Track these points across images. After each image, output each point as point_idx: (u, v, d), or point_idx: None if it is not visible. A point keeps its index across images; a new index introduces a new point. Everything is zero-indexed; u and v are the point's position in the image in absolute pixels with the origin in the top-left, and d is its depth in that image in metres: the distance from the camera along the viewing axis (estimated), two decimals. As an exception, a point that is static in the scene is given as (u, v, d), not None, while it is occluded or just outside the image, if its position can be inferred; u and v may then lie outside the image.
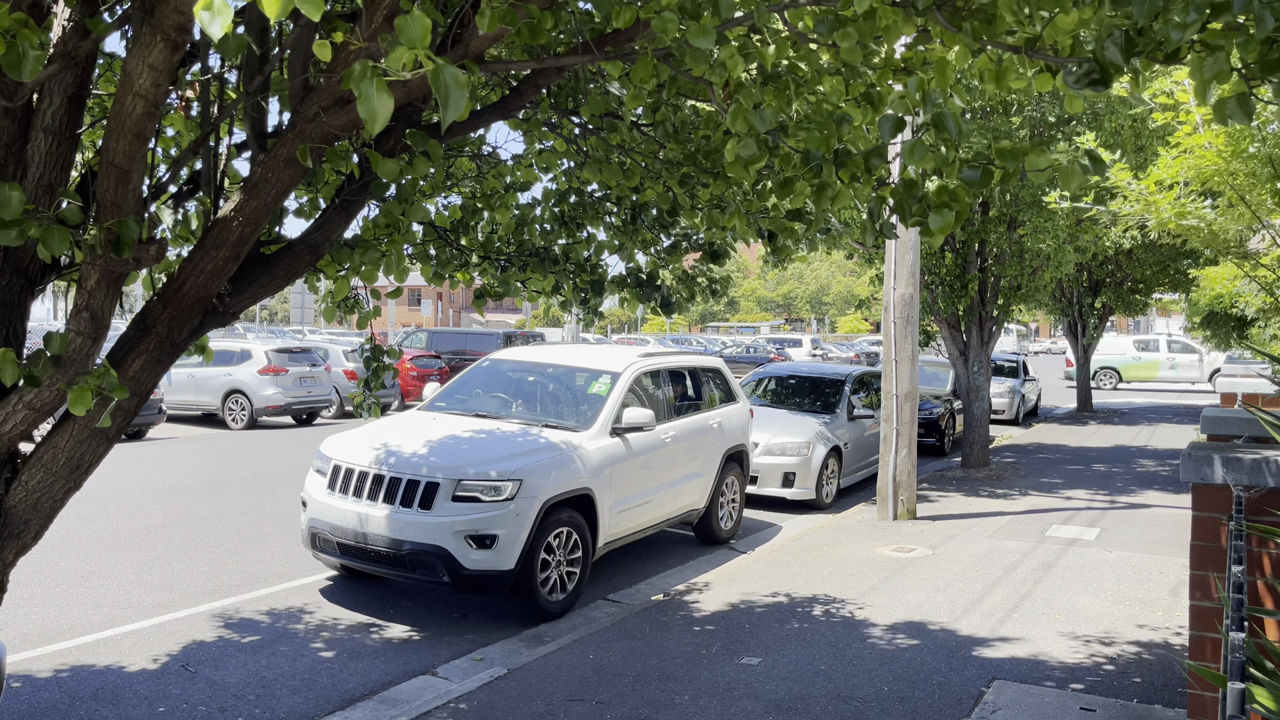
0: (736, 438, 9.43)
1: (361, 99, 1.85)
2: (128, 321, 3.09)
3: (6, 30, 2.23)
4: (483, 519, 6.35)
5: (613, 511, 7.41)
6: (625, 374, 8.09)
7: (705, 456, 8.82)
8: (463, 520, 6.34)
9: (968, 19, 2.68)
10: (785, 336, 50.57)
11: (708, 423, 8.97)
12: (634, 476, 7.73)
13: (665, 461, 8.18)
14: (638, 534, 7.97)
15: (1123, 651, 6.11)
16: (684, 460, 8.48)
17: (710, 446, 8.91)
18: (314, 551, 7.03)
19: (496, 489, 6.45)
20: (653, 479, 7.99)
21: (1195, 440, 3.79)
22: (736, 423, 9.53)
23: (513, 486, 6.47)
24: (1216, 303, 15.60)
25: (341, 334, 42.60)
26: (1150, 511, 10.84)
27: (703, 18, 2.57)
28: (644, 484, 7.86)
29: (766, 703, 5.20)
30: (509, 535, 6.38)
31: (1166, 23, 2.17)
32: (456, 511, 6.38)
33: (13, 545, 2.97)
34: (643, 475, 7.84)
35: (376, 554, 6.53)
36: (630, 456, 7.68)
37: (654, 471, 8.01)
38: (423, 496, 6.46)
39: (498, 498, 6.43)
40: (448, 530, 6.32)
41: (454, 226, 4.98)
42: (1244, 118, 2.33)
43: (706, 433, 8.89)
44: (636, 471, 7.76)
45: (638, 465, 7.77)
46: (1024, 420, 22.19)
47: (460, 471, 6.51)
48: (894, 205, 3.01)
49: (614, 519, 7.45)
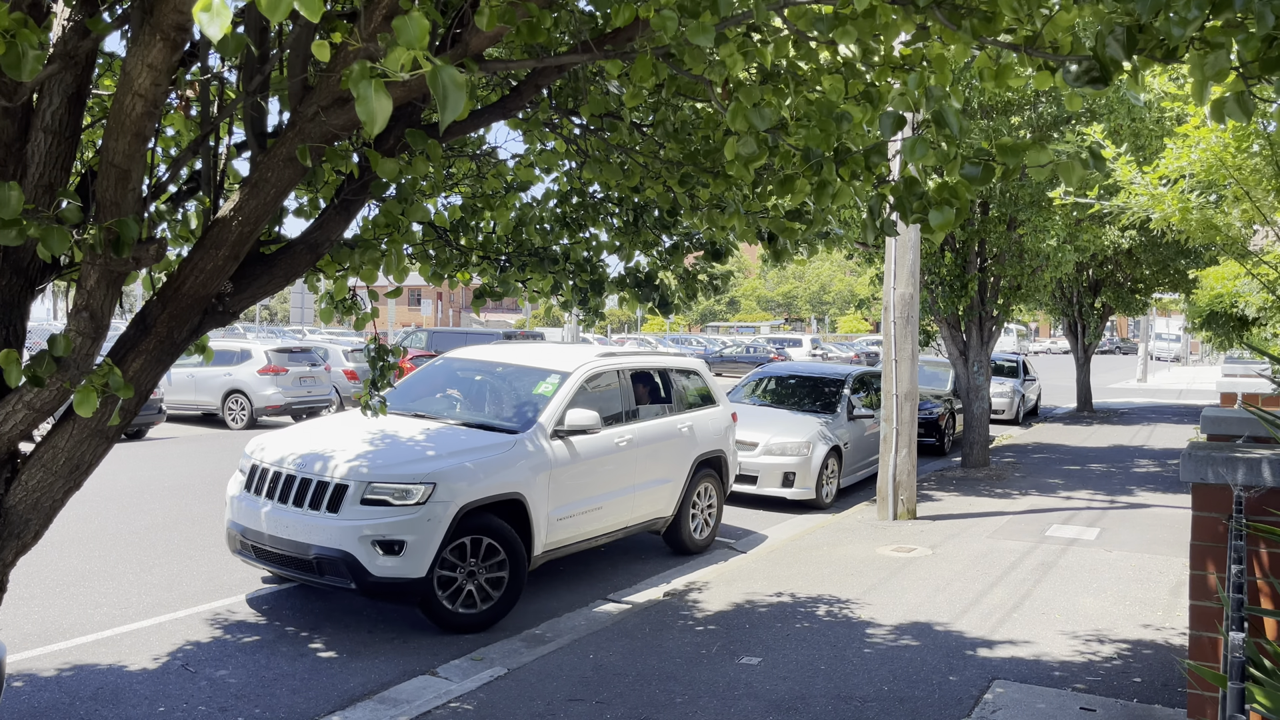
0: (712, 443, 9.03)
1: (360, 100, 1.85)
2: (128, 321, 3.09)
3: (6, 30, 2.23)
4: (391, 524, 6.06)
5: (553, 519, 7.03)
6: (575, 374, 7.71)
7: (672, 462, 8.45)
8: (370, 525, 6.05)
9: (967, 17, 2.68)
10: (785, 336, 50.56)
11: (675, 427, 8.58)
12: (580, 482, 7.35)
13: (621, 466, 7.81)
14: (588, 542, 7.58)
15: (1123, 651, 6.11)
16: (646, 465, 8.11)
17: (677, 451, 8.54)
18: (236, 555, 6.80)
19: (407, 493, 6.15)
20: (604, 484, 7.60)
21: (1195, 440, 3.79)
22: (713, 427, 9.11)
23: (424, 490, 6.16)
24: (1216, 302, 15.59)
25: (341, 334, 42.61)
26: (1150, 511, 10.83)
27: (702, 16, 2.57)
28: (593, 490, 7.48)
29: (766, 703, 5.20)
30: (419, 541, 6.08)
31: (1168, 19, 2.17)
32: (364, 515, 6.10)
33: (13, 545, 2.97)
34: (591, 480, 7.46)
35: (286, 558, 6.29)
36: (575, 460, 7.30)
37: (606, 477, 7.63)
38: (331, 499, 6.20)
39: (407, 502, 6.13)
40: (354, 535, 6.04)
41: (454, 226, 4.98)
42: (1242, 116, 2.33)
43: (673, 437, 8.52)
44: (583, 476, 7.37)
45: (584, 470, 7.38)
46: (1024, 420, 22.20)
47: (370, 474, 6.23)
48: (895, 203, 3.01)
49: (555, 526, 7.08)
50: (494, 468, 6.61)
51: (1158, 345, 56.48)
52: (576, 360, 7.98)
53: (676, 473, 8.51)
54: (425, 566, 6.13)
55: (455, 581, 6.38)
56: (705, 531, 9.04)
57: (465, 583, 6.41)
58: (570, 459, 7.27)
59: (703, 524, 9.01)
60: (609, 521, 7.72)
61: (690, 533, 8.79)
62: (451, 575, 6.35)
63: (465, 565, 6.41)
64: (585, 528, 7.44)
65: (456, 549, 6.37)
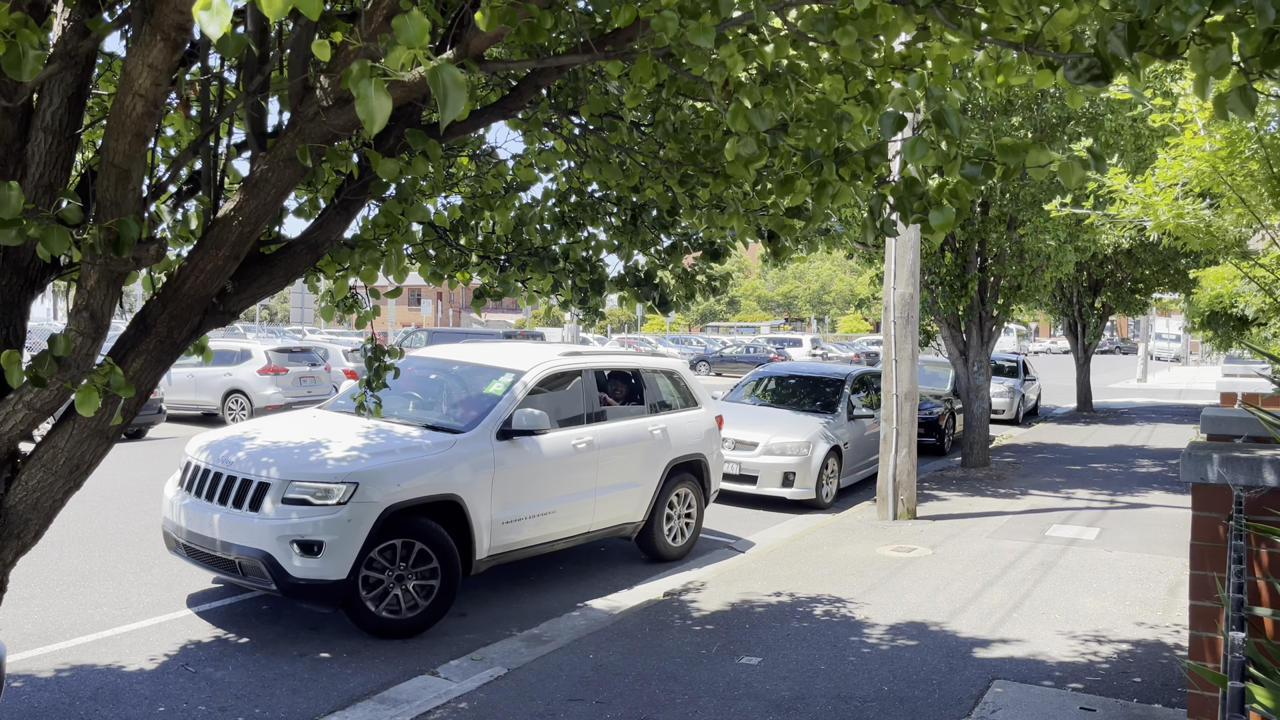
0: (690, 447, 8.72)
1: (360, 99, 1.85)
2: (128, 321, 3.09)
3: (6, 30, 2.23)
4: (309, 524, 5.91)
5: (498, 522, 6.82)
6: (529, 374, 7.47)
7: (641, 465, 8.17)
8: (288, 524, 5.93)
9: (967, 16, 2.68)
10: (785, 336, 50.56)
11: (645, 429, 8.29)
12: (530, 484, 7.11)
13: (580, 469, 7.56)
14: (543, 547, 7.33)
15: (1122, 651, 6.11)
16: (610, 468, 7.84)
17: (647, 455, 8.25)
18: (172, 553, 6.70)
19: (327, 492, 6.00)
20: (560, 488, 7.36)
21: (1195, 440, 3.79)
22: (691, 430, 8.81)
23: (346, 490, 6.01)
24: (1216, 303, 15.59)
25: (341, 333, 42.62)
26: (1150, 511, 10.84)
27: (702, 17, 2.57)
28: (546, 493, 7.23)
29: (766, 702, 5.20)
30: (338, 542, 5.92)
31: (1169, 14, 2.17)
32: (284, 515, 5.97)
33: (13, 545, 2.97)
34: (543, 483, 7.22)
35: (211, 556, 6.20)
36: (525, 462, 7.07)
37: (561, 479, 7.38)
38: (253, 498, 6.10)
39: (327, 502, 5.98)
40: (272, 534, 5.92)
41: (454, 226, 4.97)
42: (1245, 111, 2.33)
43: (642, 440, 8.23)
44: (534, 479, 7.14)
45: (535, 472, 7.15)
46: (1024, 420, 22.21)
47: (292, 472, 6.09)
48: (895, 203, 3.01)
49: (502, 530, 6.86)
50: (426, 468, 6.41)
51: (1158, 345, 56.49)
52: (533, 360, 7.73)
53: (646, 477, 8.23)
54: (346, 568, 5.96)
55: (383, 585, 6.20)
56: (682, 539, 8.71)
57: (393, 587, 6.24)
58: (518, 461, 7.03)
59: (679, 531, 8.69)
60: (566, 526, 7.47)
61: (664, 539, 8.50)
62: (379, 578, 6.19)
63: (394, 569, 6.24)
64: (538, 532, 7.20)
65: (386, 551, 6.21)
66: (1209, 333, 19.28)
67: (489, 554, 6.82)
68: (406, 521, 6.29)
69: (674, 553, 8.59)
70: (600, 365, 8.25)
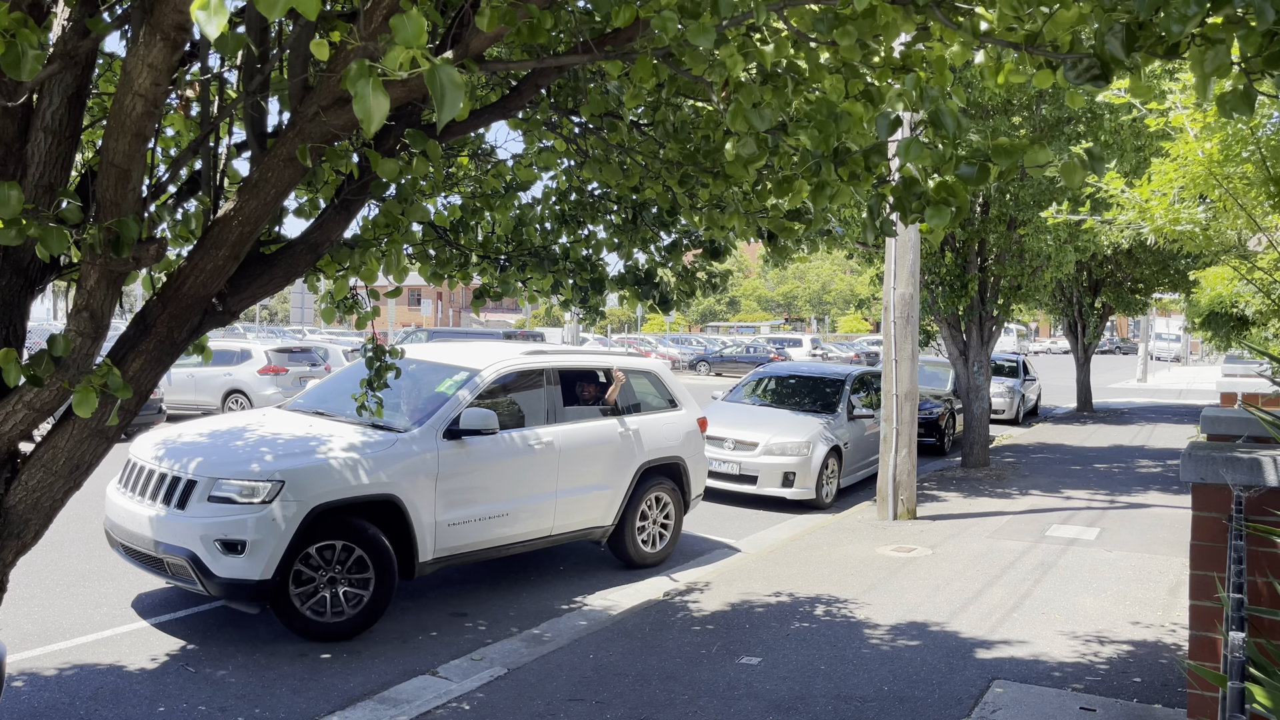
0: (666, 449, 8.44)
1: (357, 99, 1.85)
2: (128, 321, 3.09)
3: (6, 30, 2.23)
4: (232, 522, 5.82)
5: (444, 523, 6.65)
6: (484, 372, 7.29)
7: (609, 468, 7.94)
8: (212, 522, 5.84)
9: (967, 16, 2.68)
10: (785, 336, 50.54)
11: (614, 431, 8.05)
12: (481, 485, 6.93)
13: (538, 470, 7.36)
14: (498, 550, 7.13)
15: (1122, 651, 6.11)
16: (573, 470, 7.63)
17: (616, 457, 8.01)
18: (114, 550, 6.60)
19: (252, 490, 5.90)
20: (515, 489, 7.17)
21: (1195, 440, 3.80)
22: (668, 432, 8.53)
23: (270, 488, 5.90)
24: (1216, 303, 15.60)
25: (342, 334, 42.60)
26: (1150, 511, 10.84)
27: (702, 17, 2.57)
28: (499, 494, 7.05)
29: (766, 702, 5.20)
30: (261, 542, 5.81)
31: (1168, 15, 2.17)
32: (208, 513, 5.89)
33: (13, 545, 2.97)
34: (496, 484, 7.04)
35: (142, 554, 6.15)
36: (474, 463, 6.89)
37: (517, 481, 7.20)
38: (180, 495, 6.02)
39: (252, 500, 5.88)
40: (196, 532, 5.85)
41: (454, 226, 4.97)
42: (1246, 110, 2.33)
43: (610, 442, 7.99)
44: (485, 479, 6.96)
45: (487, 473, 6.97)
46: (1024, 420, 22.21)
47: (218, 470, 6.01)
48: (894, 202, 3.01)
49: (449, 532, 6.69)
50: (360, 467, 6.25)
51: (1158, 345, 56.49)
52: (491, 359, 7.56)
53: (616, 479, 8.00)
54: (269, 568, 5.84)
55: (315, 586, 6.09)
56: (658, 544, 8.44)
57: (325, 589, 6.12)
58: (467, 461, 6.86)
59: (654, 536, 8.41)
60: (524, 529, 7.28)
61: (637, 545, 8.23)
62: (311, 579, 6.07)
63: (327, 570, 6.12)
64: (491, 534, 7.02)
65: (322, 552, 6.10)
66: (1209, 333, 19.29)
67: (435, 556, 6.66)
68: (339, 522, 6.16)
69: (648, 559, 8.33)
70: (566, 365, 8.04)
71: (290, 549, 5.92)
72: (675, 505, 8.61)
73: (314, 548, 6.09)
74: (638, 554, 8.26)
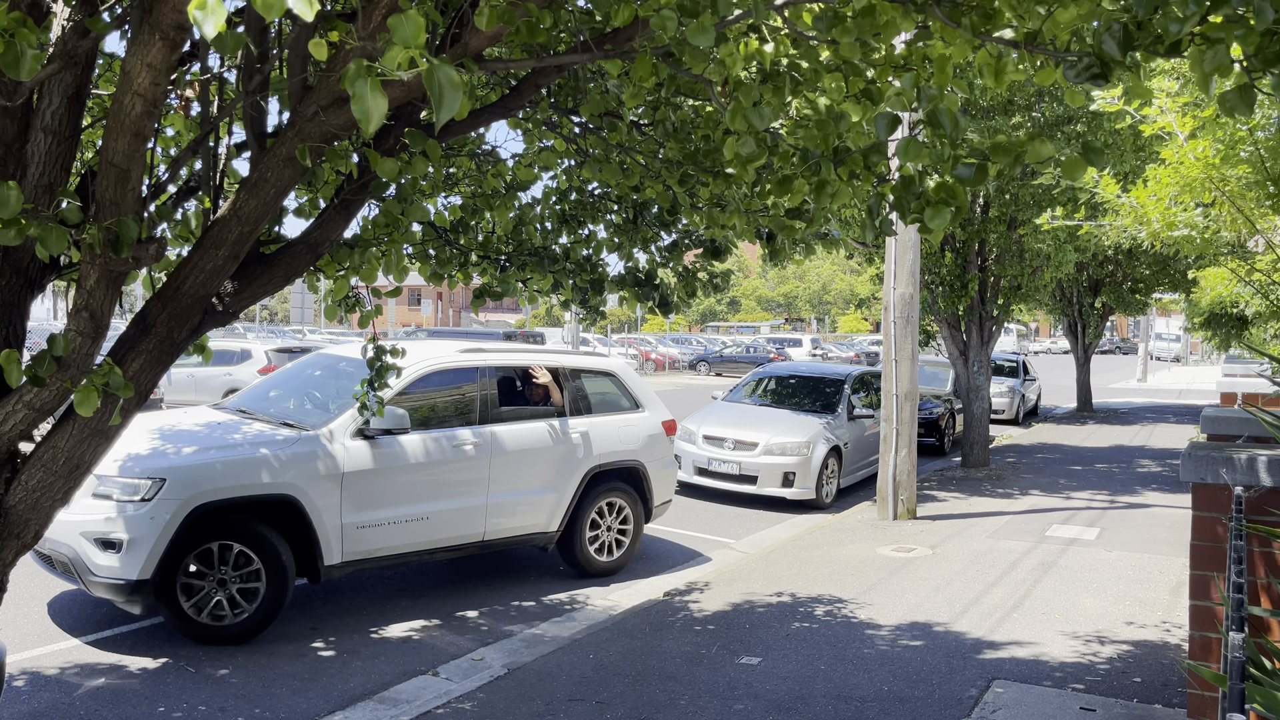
0: (621, 453, 8.05)
1: (356, 99, 1.85)
2: (128, 321, 3.09)
3: (5, 30, 2.23)
4: (109, 520, 5.71)
5: (352, 525, 6.43)
6: (405, 371, 6.98)
7: (552, 472, 7.60)
8: (91, 519, 5.74)
9: (967, 14, 2.68)
10: (785, 336, 50.56)
11: (559, 433, 7.71)
12: (396, 487, 6.69)
13: (465, 473, 7.07)
14: (419, 555, 6.88)
15: (1123, 651, 6.11)
16: (508, 474, 7.33)
17: (561, 460, 7.66)
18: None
19: (133, 488, 5.77)
20: (437, 492, 6.90)
21: (1195, 440, 3.80)
22: (625, 435, 8.14)
23: (150, 486, 5.76)
24: (1216, 303, 15.59)
25: (342, 333, 42.60)
26: (1150, 511, 10.83)
27: (702, 16, 2.57)
28: (417, 497, 6.78)
29: (766, 703, 5.20)
30: (138, 540, 5.67)
31: (1166, 15, 2.17)
32: (89, 510, 5.77)
33: (13, 545, 2.97)
34: (413, 486, 6.77)
35: (38, 553, 6.05)
36: (388, 463, 6.65)
37: (439, 483, 6.92)
38: None
39: (131, 497, 5.75)
40: (76, 529, 5.76)
41: (454, 226, 4.97)
42: (1245, 109, 2.33)
43: (554, 444, 7.66)
44: (401, 481, 6.71)
45: (403, 474, 6.73)
46: (1024, 420, 22.21)
47: (104, 467, 5.85)
48: (893, 202, 3.01)
49: (359, 535, 6.47)
50: (252, 466, 6.07)
51: (1158, 345, 56.51)
52: (419, 357, 7.26)
53: (559, 483, 7.64)
54: (147, 568, 5.69)
55: (205, 588, 5.95)
56: (613, 553, 8.03)
57: (216, 591, 5.97)
58: (379, 461, 6.62)
59: (609, 545, 8.01)
60: (450, 533, 7.00)
61: (587, 553, 7.85)
62: (200, 581, 5.94)
63: (216, 572, 5.98)
64: (409, 538, 6.76)
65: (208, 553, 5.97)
66: (1209, 333, 19.29)
67: (344, 560, 6.46)
68: (229, 522, 6.02)
69: (600, 568, 7.95)
70: (505, 363, 7.77)
71: (171, 549, 5.77)
72: (634, 512, 8.18)
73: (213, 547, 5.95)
74: (588, 562, 7.88)
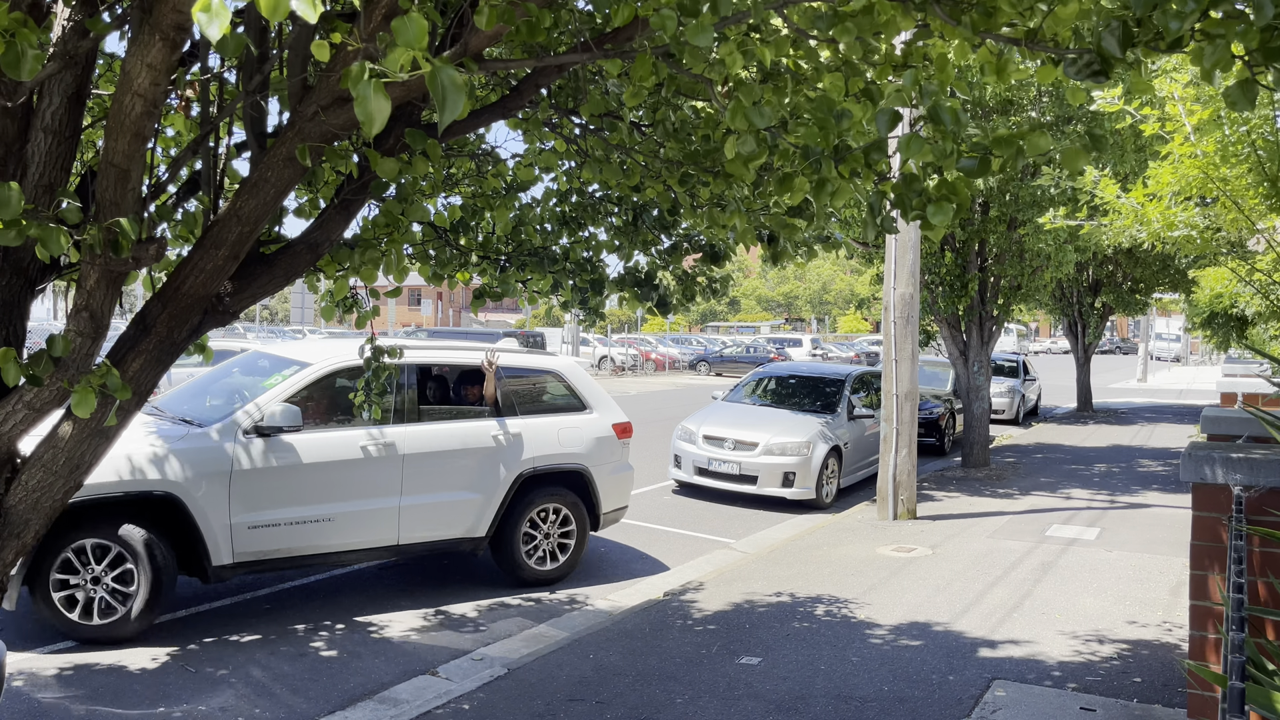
0: (559, 457, 7.68)
1: (359, 100, 1.85)
2: (128, 321, 3.10)
3: (6, 30, 2.23)
4: None
5: (242, 526, 6.22)
6: (313, 367, 6.80)
7: (476, 474, 7.26)
8: None
9: (967, 12, 2.68)
10: (785, 336, 50.55)
11: (486, 434, 7.36)
12: (294, 486, 6.44)
13: (374, 473, 6.81)
14: (324, 557, 6.64)
15: (1123, 651, 6.11)
16: (425, 475, 7.02)
17: (487, 462, 7.31)
18: None
19: None
20: (340, 493, 6.63)
21: (1195, 440, 3.80)
22: (566, 438, 7.77)
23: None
24: (1216, 303, 15.60)
25: (341, 333, 42.60)
26: (1150, 511, 10.84)
27: (701, 15, 2.57)
28: (318, 497, 6.53)
29: (766, 703, 5.20)
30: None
31: (1166, 12, 2.17)
32: None
33: (13, 545, 2.97)
34: (313, 487, 6.52)
35: None
36: (284, 462, 6.41)
37: (343, 483, 6.66)
38: None
39: None
40: None
41: (454, 226, 4.98)
42: (1246, 104, 2.33)
43: (479, 445, 7.31)
44: (299, 481, 6.47)
45: (301, 474, 6.47)
46: (1024, 420, 22.21)
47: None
48: (894, 199, 3.01)
49: (249, 535, 6.25)
50: (139, 464, 5.90)
51: (1158, 345, 56.51)
52: (330, 354, 7.05)
53: (486, 486, 7.30)
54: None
55: (79, 586, 5.80)
56: (553, 561, 7.67)
57: (94, 591, 5.83)
58: (274, 460, 6.39)
59: (550, 552, 7.66)
60: (358, 536, 6.74)
61: (523, 560, 7.49)
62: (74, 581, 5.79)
63: (88, 571, 5.82)
64: (310, 540, 6.53)
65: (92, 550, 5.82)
66: (1209, 333, 19.29)
67: (236, 560, 6.26)
68: (103, 520, 5.85)
69: (537, 576, 7.58)
70: (427, 361, 7.48)
71: (43, 547, 5.63)
72: (578, 520, 7.80)
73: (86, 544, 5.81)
74: (525, 571, 7.53)
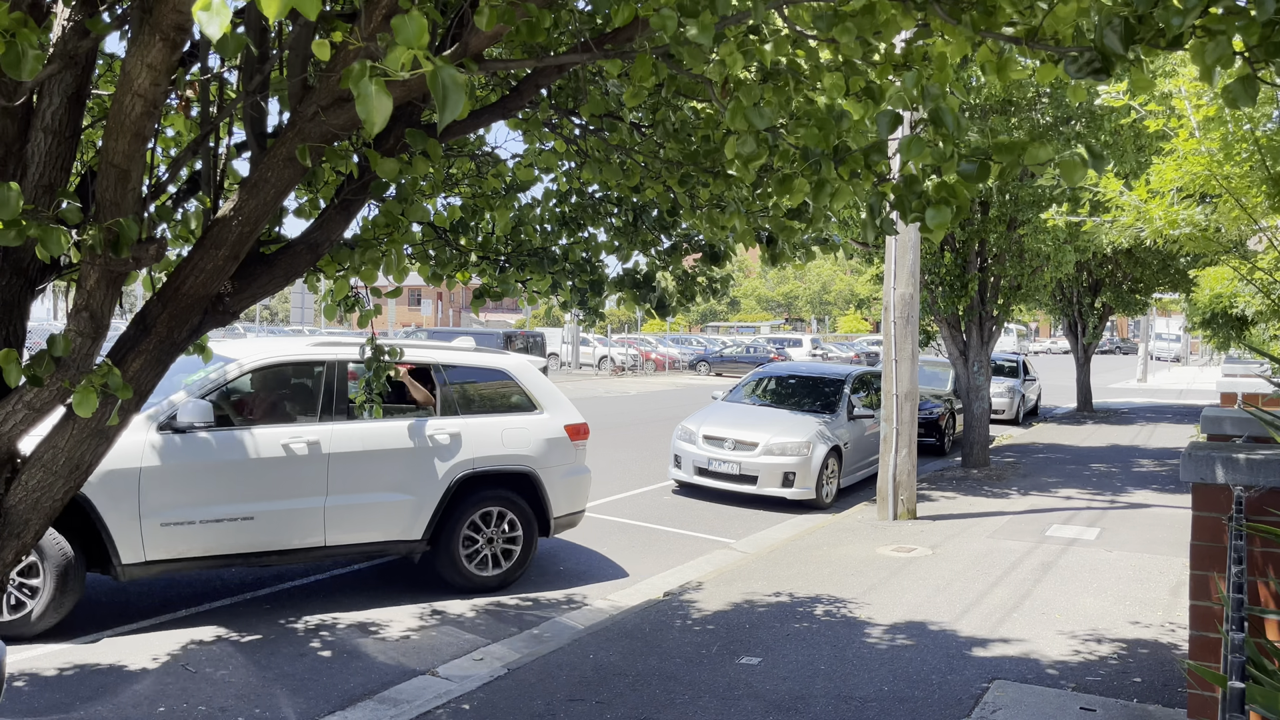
0: (504, 459, 7.43)
1: (360, 99, 1.85)
2: (128, 321, 3.10)
3: (6, 30, 2.23)
4: None
5: (156, 524, 6.10)
6: (234, 364, 6.69)
7: (410, 474, 7.04)
8: None
9: (967, 11, 2.68)
10: (785, 336, 50.56)
11: (420, 433, 7.14)
12: (211, 486, 6.32)
13: (298, 472, 6.62)
14: (248, 558, 6.52)
15: (1122, 651, 6.11)
16: (353, 475, 6.84)
17: (420, 463, 7.08)
18: None
19: None
20: (261, 492, 6.48)
21: (1195, 440, 3.80)
22: (511, 438, 7.52)
23: None
24: (1216, 303, 15.60)
25: (342, 334, 42.59)
26: (1150, 511, 10.83)
27: (701, 15, 2.57)
28: (237, 496, 6.39)
29: (766, 703, 5.20)
30: None
31: (1166, 9, 2.17)
32: None
33: (13, 545, 2.97)
34: (231, 486, 6.39)
35: None
36: (199, 460, 6.29)
37: (264, 482, 6.50)
38: None
39: None
40: None
41: (454, 227, 4.98)
42: (1248, 100, 2.34)
43: (415, 446, 7.09)
44: (216, 480, 6.34)
45: (218, 472, 6.35)
46: (1024, 420, 22.21)
47: None
48: (894, 201, 3.01)
49: (163, 534, 6.13)
50: None
51: (1158, 345, 56.52)
52: (258, 350, 6.95)
53: (420, 488, 7.07)
54: None
55: None
56: (496, 567, 7.39)
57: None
58: (187, 457, 6.25)
59: (493, 557, 7.38)
60: (280, 536, 6.58)
61: (463, 565, 7.24)
62: None
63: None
64: (231, 539, 6.39)
65: None
66: (1209, 333, 19.28)
67: (148, 559, 6.14)
68: None
69: (479, 582, 7.30)
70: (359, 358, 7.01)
71: None
72: (525, 524, 7.51)
73: None
74: (466, 577, 7.27)
